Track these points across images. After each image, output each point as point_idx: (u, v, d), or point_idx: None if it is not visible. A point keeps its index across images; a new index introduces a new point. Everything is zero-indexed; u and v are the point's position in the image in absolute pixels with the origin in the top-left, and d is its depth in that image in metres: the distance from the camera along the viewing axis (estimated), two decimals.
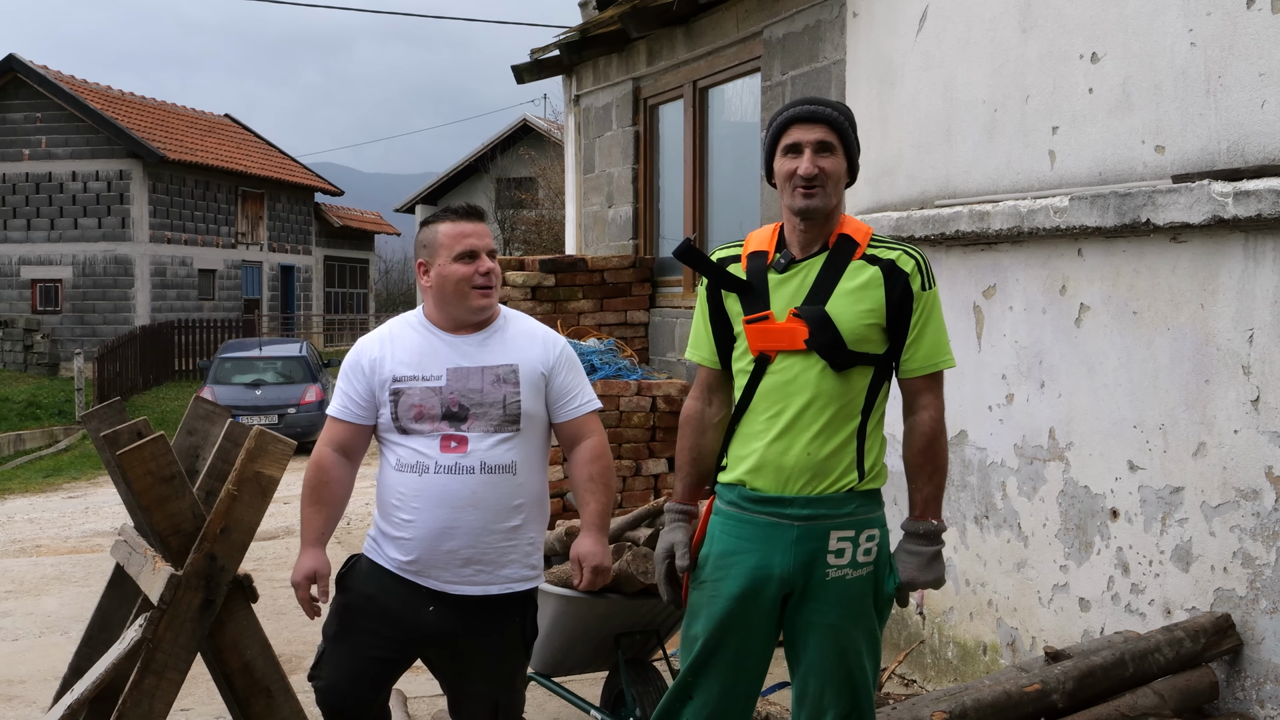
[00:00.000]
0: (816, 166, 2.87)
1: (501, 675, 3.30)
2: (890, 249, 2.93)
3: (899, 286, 2.88)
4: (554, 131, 28.33)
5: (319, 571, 3.21)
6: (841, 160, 2.92)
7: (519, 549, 3.25)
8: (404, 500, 3.20)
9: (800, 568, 2.88)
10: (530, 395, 3.24)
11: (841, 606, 2.89)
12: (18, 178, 29.16)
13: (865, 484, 2.92)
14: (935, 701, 3.36)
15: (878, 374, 2.92)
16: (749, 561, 2.91)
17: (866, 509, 2.92)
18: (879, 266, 2.89)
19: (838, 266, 2.90)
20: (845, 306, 2.86)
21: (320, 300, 38.38)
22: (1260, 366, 3.60)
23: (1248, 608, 3.64)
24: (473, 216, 3.29)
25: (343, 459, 3.28)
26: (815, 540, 2.88)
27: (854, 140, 2.96)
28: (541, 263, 7.82)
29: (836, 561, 2.88)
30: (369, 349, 3.30)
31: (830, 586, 2.89)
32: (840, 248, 2.92)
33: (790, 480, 2.88)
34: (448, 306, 3.24)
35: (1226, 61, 3.73)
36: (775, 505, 2.90)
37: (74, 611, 7.02)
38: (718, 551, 2.97)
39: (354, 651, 3.22)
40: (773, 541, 2.89)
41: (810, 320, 2.86)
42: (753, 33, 6.66)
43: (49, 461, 18.78)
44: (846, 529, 2.88)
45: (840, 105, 2.98)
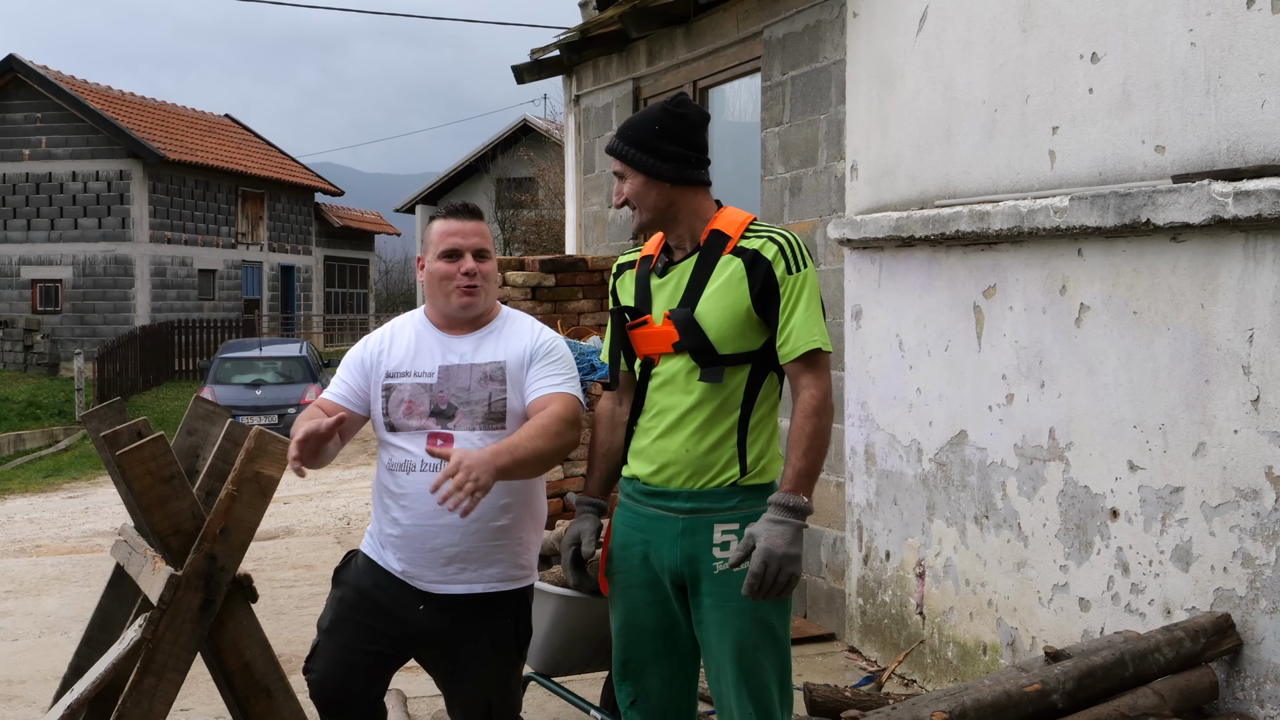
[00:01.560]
0: (620, 195, 3.03)
1: (493, 676, 3.30)
2: (757, 237, 2.96)
3: (761, 274, 2.91)
4: (554, 131, 28.33)
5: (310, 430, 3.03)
6: (634, 178, 3.00)
7: (507, 548, 3.25)
8: (394, 499, 3.23)
9: (685, 560, 2.95)
10: (515, 393, 3.24)
11: (734, 600, 2.90)
12: (18, 178, 29.18)
13: (749, 479, 2.95)
14: (935, 701, 3.36)
15: (757, 367, 2.95)
16: (642, 552, 3.02)
17: (751, 503, 2.94)
18: (742, 258, 2.93)
19: (708, 264, 2.97)
20: (712, 305, 2.92)
21: (320, 300, 38.39)
22: (1260, 366, 3.60)
23: (1248, 608, 3.64)
24: (465, 215, 3.29)
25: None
26: (699, 533, 2.94)
27: (635, 154, 2.99)
28: (541, 263, 7.82)
29: (722, 554, 2.92)
30: (371, 345, 3.34)
31: (719, 579, 2.92)
32: (710, 244, 2.99)
33: (673, 475, 2.96)
34: (435, 302, 3.28)
35: (1226, 61, 3.73)
36: (661, 499, 2.99)
37: (74, 611, 7.02)
38: (618, 543, 3.09)
39: (347, 644, 3.23)
40: (660, 533, 2.99)
41: (678, 323, 2.94)
42: (753, 33, 6.66)
43: (49, 461, 18.79)
44: (730, 522, 2.93)
45: (625, 125, 3.06)
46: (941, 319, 4.97)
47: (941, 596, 4.98)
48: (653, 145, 3.00)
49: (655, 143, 3.00)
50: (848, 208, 5.70)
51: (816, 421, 2.89)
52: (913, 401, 5.17)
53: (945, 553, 4.96)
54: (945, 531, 4.96)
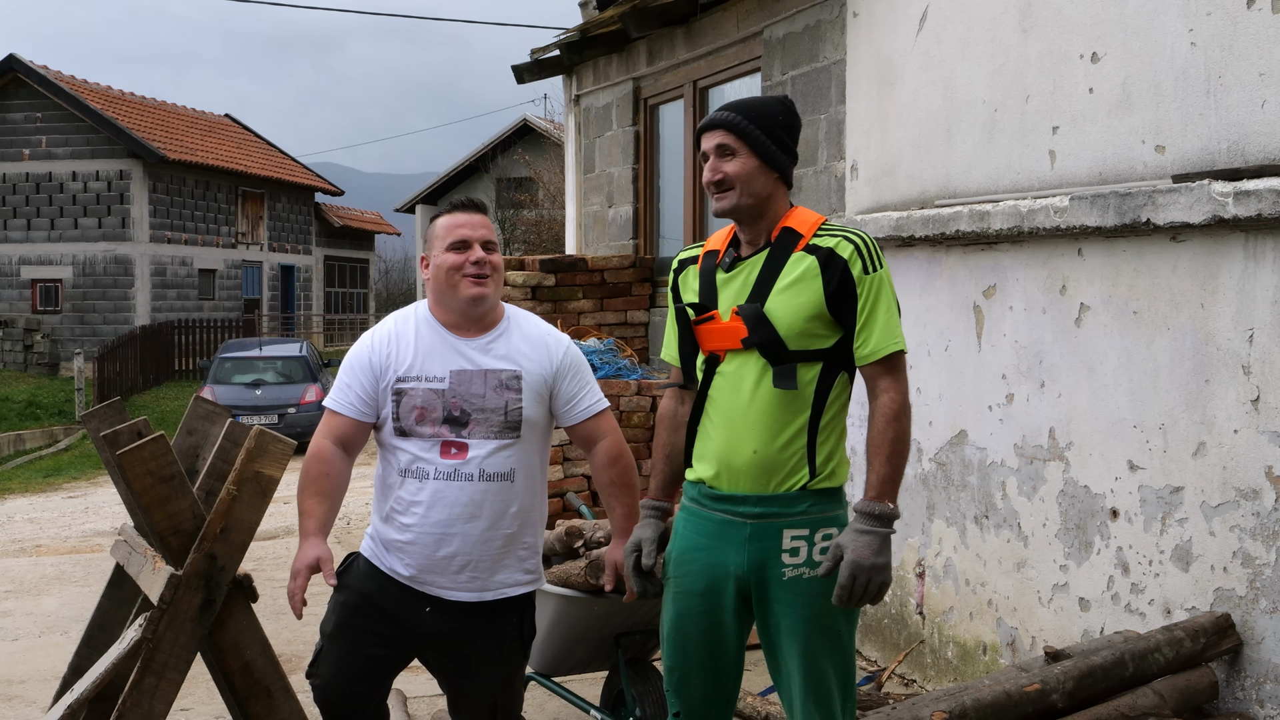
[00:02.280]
0: (719, 171, 2.90)
1: (499, 677, 3.30)
2: (831, 235, 2.89)
3: (837, 274, 2.84)
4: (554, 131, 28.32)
5: (322, 558, 3.10)
6: (748, 159, 2.90)
7: (514, 555, 3.25)
8: (404, 505, 3.19)
9: (754, 566, 2.88)
10: (532, 402, 3.22)
11: (802, 607, 2.86)
12: (18, 178, 29.17)
13: (818, 482, 2.88)
14: (935, 701, 3.36)
15: (828, 367, 2.88)
16: (707, 559, 2.93)
17: (821, 507, 2.88)
18: (816, 256, 2.86)
19: (778, 261, 2.90)
20: (783, 302, 2.85)
21: (320, 300, 38.38)
22: (1260, 366, 3.60)
23: (1248, 608, 3.64)
24: (470, 208, 3.28)
25: (341, 452, 3.24)
26: (768, 538, 2.87)
27: (764, 135, 2.91)
28: (541, 263, 7.82)
29: (792, 560, 2.86)
30: (379, 346, 3.25)
31: (788, 586, 2.86)
32: (781, 242, 2.91)
33: (741, 479, 2.88)
34: (444, 298, 3.22)
35: (1226, 61, 3.73)
36: (729, 503, 2.90)
37: (74, 611, 7.02)
38: (679, 548, 3.00)
39: (351, 649, 3.21)
40: (727, 539, 2.90)
41: (747, 319, 2.86)
42: (753, 33, 6.66)
43: (49, 461, 18.78)
44: (800, 527, 2.86)
45: (750, 103, 2.96)
46: (941, 319, 4.97)
47: (941, 596, 4.98)
48: (774, 131, 2.93)
49: (777, 131, 2.93)
50: (848, 208, 5.70)
51: (899, 426, 2.85)
52: (913, 401, 5.16)
53: (945, 553, 4.96)
54: (945, 531, 4.96)
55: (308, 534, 3.16)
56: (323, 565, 3.12)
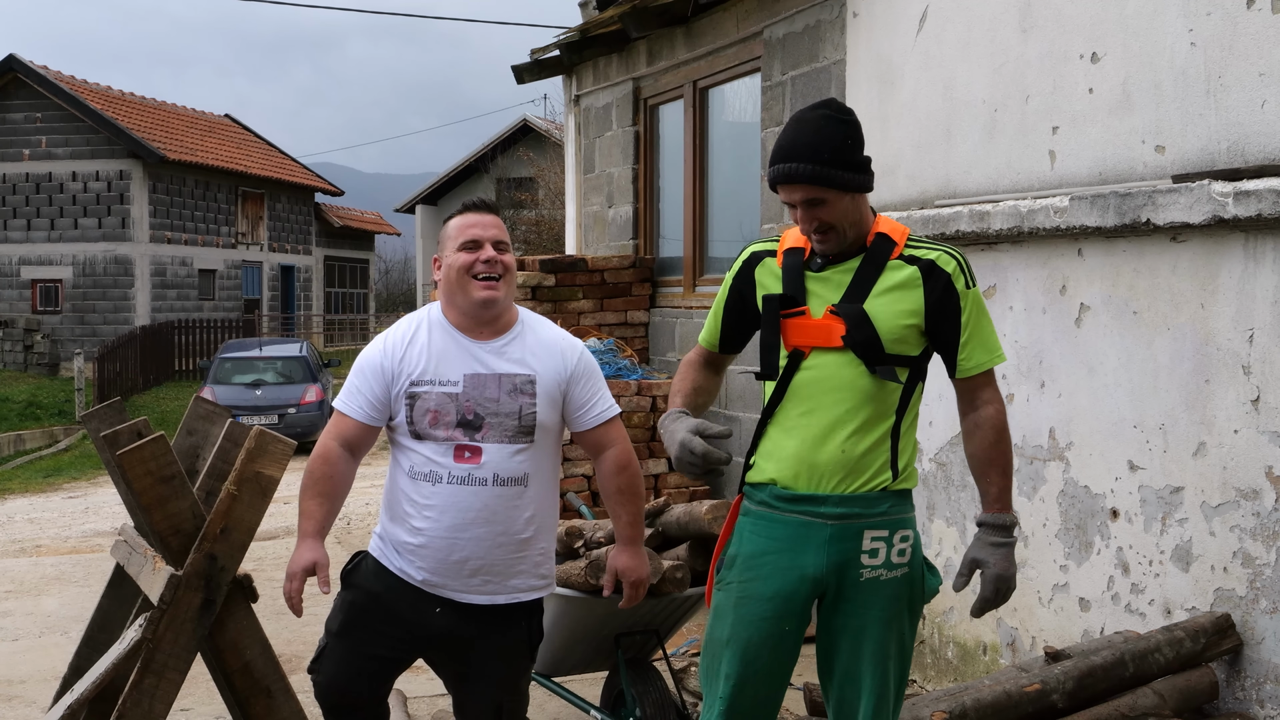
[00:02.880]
0: (815, 220, 2.82)
1: (506, 678, 3.29)
2: (930, 249, 2.89)
3: (939, 287, 2.84)
4: (554, 132, 28.33)
5: (318, 562, 3.09)
6: (838, 199, 2.80)
7: (529, 560, 3.24)
8: (417, 508, 3.17)
9: (834, 568, 2.84)
10: (546, 407, 3.21)
11: (876, 608, 2.85)
12: (18, 178, 29.17)
13: (899, 484, 2.88)
14: (935, 701, 3.36)
15: (913, 375, 2.89)
16: (781, 562, 2.86)
17: (899, 509, 2.88)
18: (918, 266, 2.85)
19: (876, 266, 2.86)
20: (883, 306, 2.83)
21: (320, 300, 38.37)
22: (1260, 366, 3.60)
23: (1248, 608, 3.64)
24: (482, 209, 3.28)
25: (349, 455, 3.23)
26: (849, 540, 2.83)
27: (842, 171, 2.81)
28: (541, 263, 7.82)
29: (870, 562, 2.84)
30: (392, 350, 3.22)
31: (864, 587, 2.84)
32: (878, 247, 2.88)
33: (824, 478, 2.84)
34: (455, 298, 3.21)
35: (1226, 61, 3.73)
36: (808, 504, 2.85)
37: (74, 611, 7.02)
38: (748, 552, 2.91)
39: (357, 648, 3.21)
40: (805, 541, 2.85)
41: (848, 318, 2.82)
42: (753, 33, 6.66)
43: (49, 461, 18.78)
44: (880, 529, 2.84)
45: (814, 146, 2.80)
46: None
47: (941, 596, 4.98)
48: (851, 158, 2.84)
49: (851, 155, 2.84)
50: None
51: (1009, 437, 2.93)
52: None
53: (945, 553, 4.95)
54: (945, 531, 4.96)
55: (305, 535, 3.15)
56: (318, 570, 3.10)
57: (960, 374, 2.91)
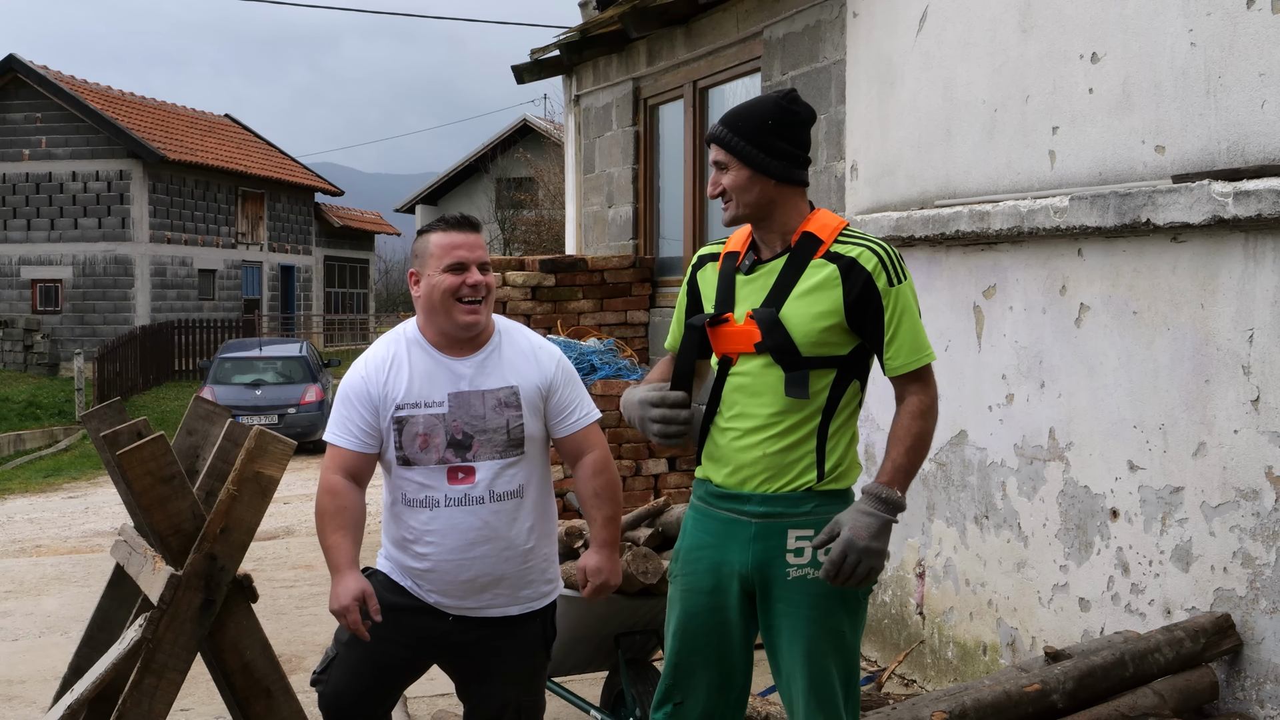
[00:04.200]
0: (717, 184, 2.92)
1: (523, 675, 3.29)
2: (854, 244, 2.87)
3: (859, 284, 2.82)
4: (554, 132, 28.33)
5: (365, 591, 3.06)
6: (740, 170, 2.87)
7: (535, 568, 3.25)
8: (418, 535, 3.17)
9: (757, 565, 2.88)
10: (531, 417, 3.21)
11: (805, 607, 2.86)
12: (18, 178, 29.16)
13: (826, 484, 2.89)
14: (935, 701, 3.36)
15: (842, 374, 2.89)
16: (713, 556, 2.93)
17: (827, 509, 2.88)
18: (837, 264, 2.84)
19: (797, 266, 2.88)
20: (800, 309, 2.84)
21: (320, 300, 38.37)
22: (1260, 366, 3.60)
23: (1248, 608, 3.64)
24: (465, 227, 3.21)
25: (353, 484, 3.19)
26: (772, 538, 2.87)
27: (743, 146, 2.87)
28: (541, 263, 7.82)
29: (796, 560, 2.86)
30: (374, 375, 3.19)
31: (792, 586, 2.87)
32: (801, 247, 2.89)
33: (748, 478, 2.89)
34: (435, 318, 3.17)
35: (1226, 61, 3.73)
36: (734, 501, 2.91)
37: (74, 611, 7.02)
38: (687, 545, 3.01)
39: (368, 659, 3.19)
40: (732, 537, 2.91)
41: (761, 323, 2.86)
42: (753, 33, 6.66)
43: (49, 461, 18.77)
44: (805, 528, 2.86)
45: (738, 112, 2.92)
46: (941, 319, 4.97)
47: (941, 596, 4.98)
48: (763, 139, 2.88)
49: (765, 137, 2.88)
50: (848, 208, 5.70)
51: (923, 423, 2.89)
52: None
53: (945, 553, 4.96)
54: (945, 531, 4.96)
55: (341, 568, 3.09)
56: (368, 599, 3.07)
57: (888, 373, 2.92)
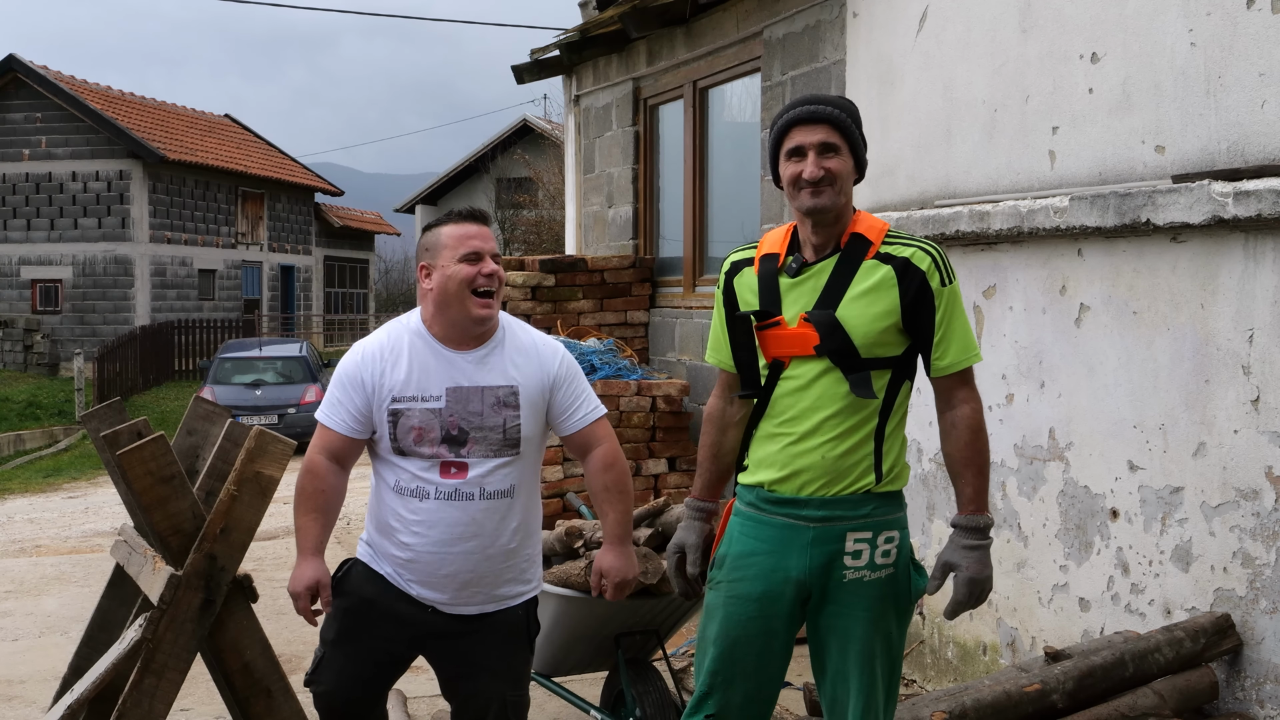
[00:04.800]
0: (822, 168, 2.82)
1: (507, 670, 3.29)
2: (905, 245, 2.86)
3: (914, 285, 2.82)
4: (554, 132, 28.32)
5: (320, 581, 3.13)
6: (847, 159, 2.85)
7: (515, 568, 3.25)
8: (404, 524, 3.17)
9: (817, 570, 2.85)
10: (530, 418, 3.20)
11: (860, 609, 2.86)
12: (18, 178, 29.16)
13: (883, 486, 2.87)
14: (935, 701, 3.36)
15: (896, 375, 2.87)
16: (766, 563, 2.89)
17: (884, 511, 2.88)
18: (892, 265, 2.82)
19: (850, 268, 2.84)
20: (858, 310, 2.81)
21: (320, 300, 38.37)
22: (1260, 366, 3.60)
23: (1248, 608, 3.64)
24: (478, 219, 3.23)
25: (337, 467, 3.22)
26: (832, 542, 2.84)
27: (859, 136, 2.89)
28: (541, 263, 7.82)
29: (854, 563, 2.84)
30: (370, 363, 3.19)
31: (848, 588, 2.85)
32: (852, 248, 2.85)
33: (806, 483, 2.85)
34: (448, 311, 3.16)
35: (1226, 61, 3.73)
36: (791, 507, 2.87)
37: (74, 611, 7.02)
38: (736, 552, 2.94)
39: (355, 655, 3.21)
40: (789, 543, 2.87)
41: (820, 326, 2.81)
42: (753, 33, 6.66)
43: (49, 461, 18.77)
44: (863, 530, 2.85)
45: (842, 101, 2.91)
46: None
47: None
48: (862, 134, 2.91)
49: (862, 132, 2.91)
50: None
51: (984, 436, 2.89)
52: (912, 401, 5.16)
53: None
54: (945, 531, 4.96)
55: (304, 552, 3.16)
56: (320, 590, 3.14)
57: (935, 373, 2.89)
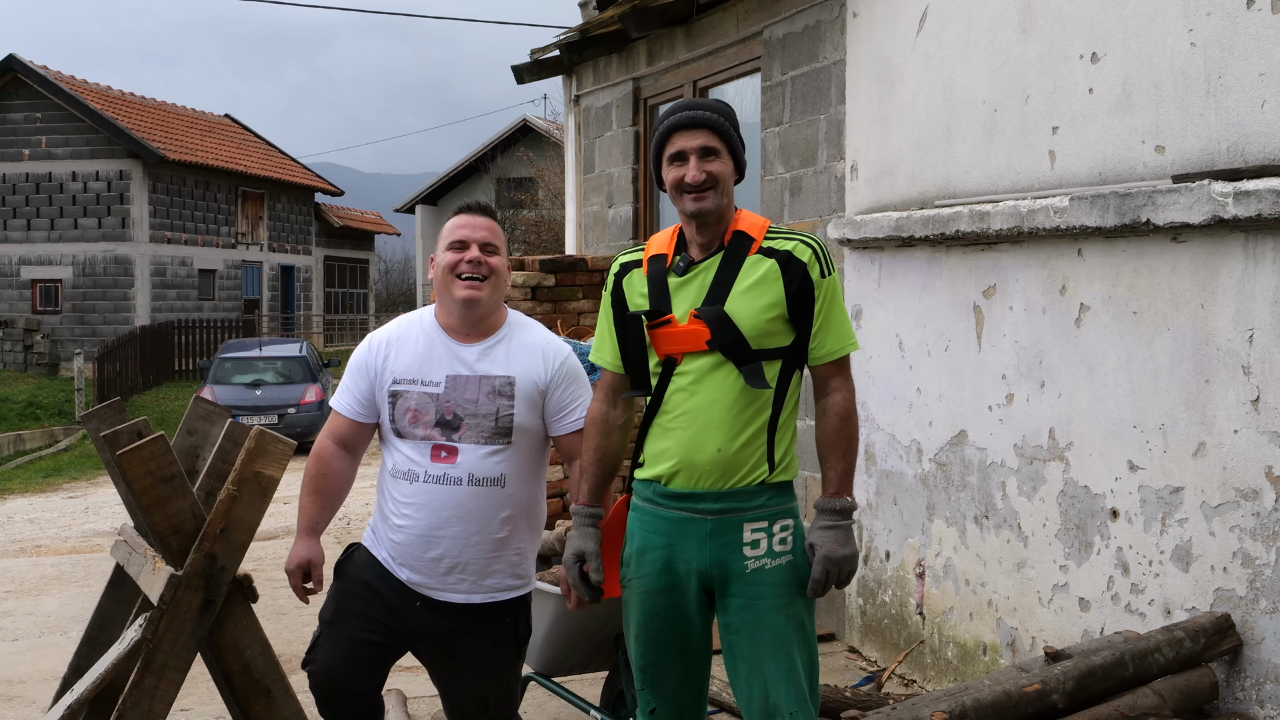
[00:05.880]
0: (704, 172, 2.92)
1: (493, 674, 3.33)
2: (786, 239, 2.96)
3: (797, 277, 2.91)
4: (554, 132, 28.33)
5: (313, 561, 3.26)
6: (727, 161, 2.96)
7: (505, 559, 3.28)
8: (398, 506, 3.25)
9: (716, 561, 2.92)
10: (525, 409, 3.25)
11: (766, 597, 2.91)
12: (18, 178, 29.16)
13: (776, 476, 2.94)
14: (935, 701, 3.36)
15: (786, 365, 2.95)
16: (666, 555, 2.96)
17: (779, 500, 2.95)
18: (775, 259, 2.92)
19: (735, 263, 2.94)
20: (745, 304, 2.90)
21: (320, 300, 38.38)
22: (1260, 366, 3.60)
23: (1248, 608, 3.64)
24: (476, 211, 3.34)
25: (343, 452, 3.34)
26: (729, 532, 2.92)
27: (737, 139, 2.99)
28: (541, 263, 7.82)
29: (753, 552, 2.91)
30: (376, 349, 3.33)
31: (750, 578, 2.91)
32: (735, 245, 2.96)
33: (701, 477, 2.92)
34: (444, 297, 3.29)
35: (1226, 61, 3.73)
36: (688, 500, 2.94)
37: (74, 611, 7.03)
38: (637, 547, 3.03)
39: (349, 635, 3.25)
40: (687, 535, 2.94)
41: (710, 321, 2.90)
42: (753, 33, 6.66)
43: (49, 461, 18.78)
44: (759, 520, 2.92)
45: (719, 105, 3.02)
46: (941, 319, 4.97)
47: (941, 596, 4.98)
48: (739, 135, 3.01)
49: (740, 134, 3.01)
50: (848, 208, 5.71)
51: (853, 423, 2.97)
52: (912, 401, 5.17)
53: (945, 553, 4.96)
54: (945, 531, 4.96)
55: (301, 532, 3.30)
56: (312, 570, 3.27)
57: (813, 361, 2.97)
